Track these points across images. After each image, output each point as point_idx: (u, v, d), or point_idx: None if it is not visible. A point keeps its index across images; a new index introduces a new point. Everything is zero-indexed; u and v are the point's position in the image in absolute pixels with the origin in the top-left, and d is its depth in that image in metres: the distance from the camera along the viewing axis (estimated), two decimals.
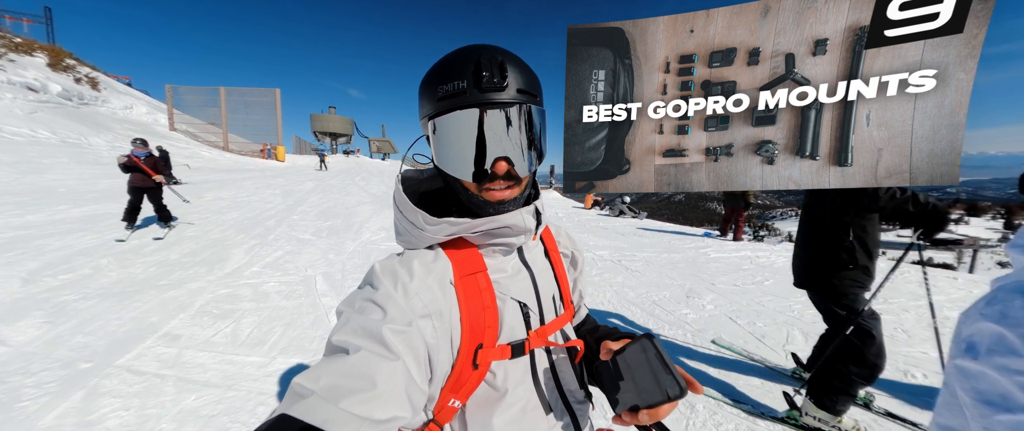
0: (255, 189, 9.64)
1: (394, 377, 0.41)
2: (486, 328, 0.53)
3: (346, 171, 18.34)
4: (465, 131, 0.49)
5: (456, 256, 0.55)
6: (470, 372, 0.52)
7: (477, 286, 0.54)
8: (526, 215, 0.55)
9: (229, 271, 3.84)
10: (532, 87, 0.53)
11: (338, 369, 0.40)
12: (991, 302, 0.66)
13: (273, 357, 2.35)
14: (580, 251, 0.76)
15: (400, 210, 0.57)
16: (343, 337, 0.43)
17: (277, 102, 22.04)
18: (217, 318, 2.84)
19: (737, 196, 7.06)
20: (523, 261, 0.62)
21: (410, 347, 0.44)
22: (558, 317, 0.63)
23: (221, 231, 5.36)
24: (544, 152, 0.56)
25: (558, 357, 0.62)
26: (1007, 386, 0.59)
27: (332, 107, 47.95)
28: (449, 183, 0.56)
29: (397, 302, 0.46)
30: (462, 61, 0.49)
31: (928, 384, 2.23)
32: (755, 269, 4.76)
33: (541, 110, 0.55)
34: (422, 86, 0.53)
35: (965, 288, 3.97)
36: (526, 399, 0.56)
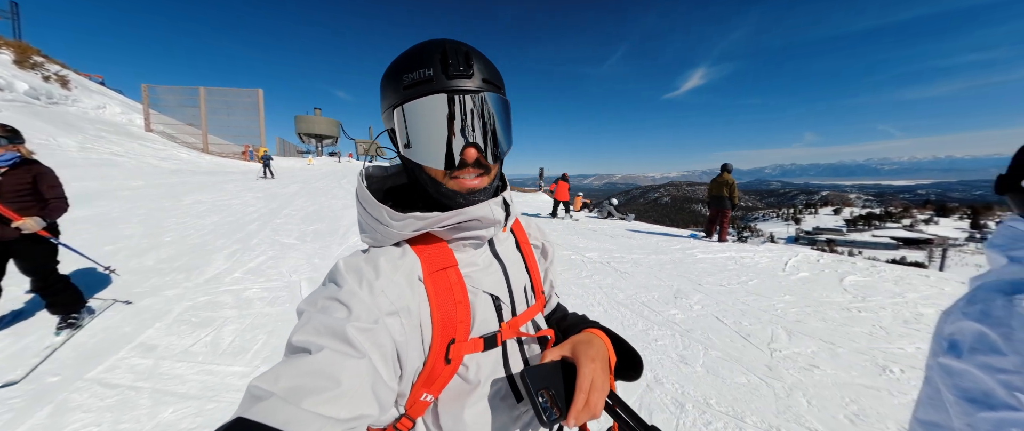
0: (237, 192, 9.37)
1: (359, 375, 0.40)
2: (458, 323, 0.52)
3: (331, 174, 18.03)
4: (433, 117, 0.49)
5: (424, 252, 0.54)
6: (442, 367, 0.51)
7: (447, 281, 0.53)
8: (494, 207, 0.55)
9: (209, 277, 3.71)
10: (496, 79, 0.53)
11: (299, 369, 0.38)
12: (972, 301, 0.68)
13: (256, 366, 2.27)
14: (550, 242, 0.77)
15: (364, 206, 0.56)
16: (305, 337, 0.42)
17: (260, 103, 21.54)
18: (196, 326, 2.73)
19: (722, 198, 7.21)
20: (494, 254, 0.62)
21: (376, 344, 0.43)
22: (529, 307, 0.64)
23: (200, 235, 5.18)
24: (511, 142, 0.56)
25: (530, 346, 0.63)
26: (989, 384, 0.60)
27: (317, 108, 47.14)
28: (416, 176, 0.56)
29: (362, 299, 0.45)
30: (428, 51, 0.49)
31: (905, 378, 2.30)
32: (739, 269, 4.86)
33: (506, 100, 0.55)
34: (385, 78, 0.52)
35: (937, 285, 4.13)
36: (498, 389, 0.57)
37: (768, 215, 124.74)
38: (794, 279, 4.42)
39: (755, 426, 1.87)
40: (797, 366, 2.45)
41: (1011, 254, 0.65)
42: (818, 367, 2.43)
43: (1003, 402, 0.57)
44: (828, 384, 2.25)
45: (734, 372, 2.37)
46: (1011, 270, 0.64)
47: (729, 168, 7.37)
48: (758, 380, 2.28)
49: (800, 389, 2.19)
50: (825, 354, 2.61)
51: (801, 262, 5.19)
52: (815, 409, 2.01)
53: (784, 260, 5.30)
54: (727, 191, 7.21)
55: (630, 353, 0.65)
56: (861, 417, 1.94)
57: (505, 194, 0.60)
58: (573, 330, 0.66)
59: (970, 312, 0.65)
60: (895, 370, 2.40)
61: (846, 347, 2.71)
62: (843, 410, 2.00)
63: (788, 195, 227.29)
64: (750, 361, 2.51)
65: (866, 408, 2.01)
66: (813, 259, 5.41)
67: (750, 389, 2.19)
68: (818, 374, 2.35)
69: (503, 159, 0.56)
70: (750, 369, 2.40)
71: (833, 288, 4.08)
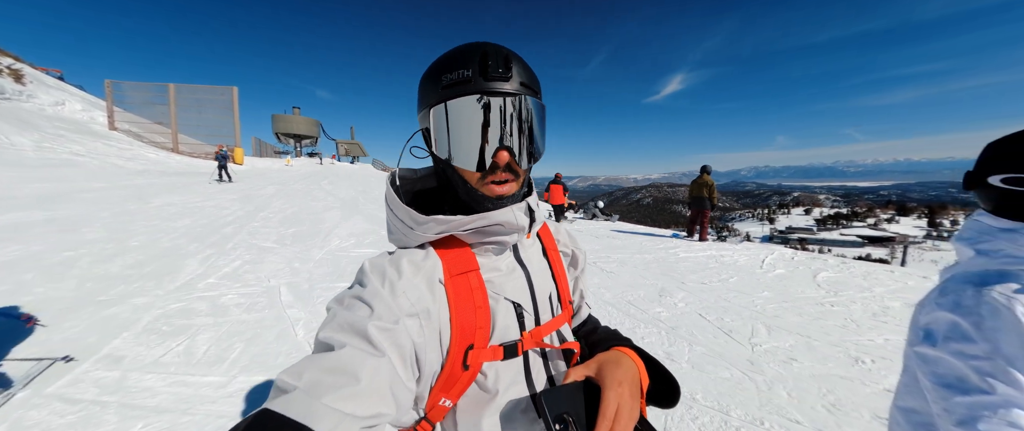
0: (210, 194, 8.98)
1: (379, 373, 0.40)
2: (477, 328, 0.51)
3: (311, 175, 17.55)
4: (468, 118, 0.49)
5: (447, 255, 0.54)
6: (460, 372, 0.51)
7: (468, 286, 0.52)
8: (518, 212, 0.54)
9: (181, 283, 3.53)
10: (534, 83, 0.53)
11: (322, 365, 0.39)
12: (944, 292, 0.71)
13: (234, 376, 2.17)
14: (581, 250, 0.74)
15: (391, 208, 0.57)
16: (329, 333, 0.43)
17: (234, 101, 20.75)
18: (167, 336, 2.59)
19: (702, 199, 7.42)
20: (518, 260, 0.61)
21: (396, 344, 0.43)
22: (555, 317, 0.62)
23: (171, 240, 4.94)
24: (543, 148, 0.55)
25: (554, 362, 0.61)
26: (963, 370, 0.64)
27: (296, 107, 45.79)
28: (447, 178, 0.56)
29: (384, 299, 0.46)
30: (468, 52, 0.49)
31: (876, 368, 2.42)
32: (720, 267, 5.01)
33: (542, 105, 0.54)
34: (424, 78, 0.53)
35: (901, 280, 4.37)
36: (519, 400, 0.55)
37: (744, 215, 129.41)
38: (771, 276, 4.59)
39: (740, 419, 1.92)
40: (777, 360, 2.54)
41: (978, 247, 0.69)
42: (796, 360, 2.53)
43: (976, 386, 0.60)
44: (806, 376, 2.33)
45: (718, 367, 2.43)
46: (978, 262, 0.68)
47: (708, 169, 7.59)
48: (741, 374, 2.35)
49: (780, 382, 2.26)
50: (802, 347, 2.71)
51: (777, 260, 5.39)
52: (795, 401, 2.08)
53: (761, 258, 5.49)
54: (707, 192, 7.42)
55: (665, 376, 0.59)
56: (838, 407, 2.02)
57: (530, 199, 0.59)
58: (601, 346, 0.63)
59: (943, 303, 0.68)
60: (867, 361, 2.52)
61: (821, 340, 2.83)
62: (821, 401, 2.08)
63: (763, 196, 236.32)
64: (733, 356, 2.58)
65: (842, 398, 2.09)
66: (788, 257, 5.62)
67: (734, 383, 2.25)
68: (796, 367, 2.44)
69: (532, 165, 0.55)
70: (733, 364, 2.47)
71: (807, 284, 4.26)
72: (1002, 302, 0.60)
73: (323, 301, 3.34)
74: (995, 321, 0.60)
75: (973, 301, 0.63)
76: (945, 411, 0.63)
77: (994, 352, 0.59)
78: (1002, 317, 0.60)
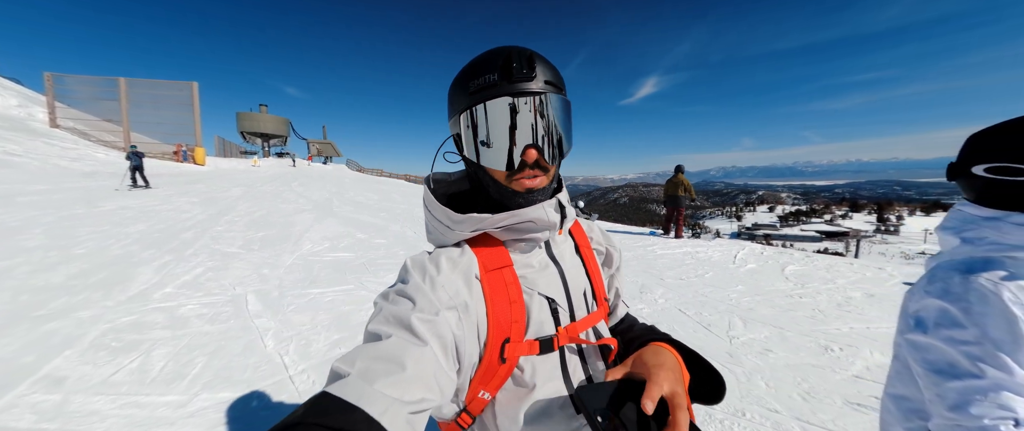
0: (168, 196, 8.39)
1: (422, 362, 0.43)
2: (512, 322, 0.54)
3: (281, 177, 16.80)
4: (495, 120, 0.51)
5: (482, 252, 0.56)
6: (497, 365, 0.53)
7: (503, 281, 0.55)
8: (549, 209, 0.56)
9: (134, 294, 3.24)
10: (558, 81, 0.55)
11: (371, 353, 0.42)
12: (932, 280, 0.72)
13: (195, 393, 2.00)
14: (616, 248, 0.75)
15: (429, 209, 0.60)
16: (376, 326, 0.46)
17: (194, 97, 19.54)
18: (118, 352, 2.36)
19: (677, 197, 7.64)
20: (551, 256, 0.62)
21: (437, 335, 0.46)
22: (590, 314, 0.63)
23: (123, 246, 4.55)
24: (572, 142, 0.57)
25: (590, 356, 0.62)
26: (954, 355, 0.65)
27: (263, 105, 43.68)
28: (478, 178, 0.59)
29: (425, 293, 0.49)
30: (493, 57, 0.52)
31: (843, 356, 2.54)
32: (696, 264, 5.16)
33: (567, 101, 0.56)
34: (453, 86, 0.56)
35: (859, 272, 4.65)
36: (556, 396, 0.56)
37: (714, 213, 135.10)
38: (743, 270, 4.77)
39: (723, 411, 1.96)
40: (754, 351, 2.62)
41: (963, 235, 0.70)
42: (772, 351, 2.62)
43: (967, 371, 0.61)
44: (781, 366, 2.42)
45: None
46: (964, 250, 0.70)
47: (682, 169, 7.83)
48: (721, 367, 2.40)
49: (759, 373, 2.33)
50: (776, 338, 2.81)
51: (748, 255, 5.62)
52: (773, 390, 2.15)
53: (733, 253, 5.71)
54: (683, 190, 7.65)
55: (708, 370, 0.58)
56: (812, 394, 2.10)
57: (560, 196, 0.60)
58: (637, 342, 0.64)
59: (932, 290, 0.70)
60: (835, 349, 2.64)
61: (793, 330, 2.95)
62: (796, 389, 2.16)
63: (731, 194, 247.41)
64: (713, 350, 2.65)
65: (815, 386, 2.18)
66: (758, 252, 5.87)
67: None
68: (772, 357, 2.53)
69: (561, 161, 0.57)
70: (714, 357, 2.53)
71: (777, 277, 4.45)
72: (989, 288, 0.62)
73: (295, 308, 3.16)
74: (983, 307, 0.61)
75: (961, 288, 0.65)
76: (937, 397, 0.64)
77: (983, 337, 0.61)
78: (989, 303, 0.61)
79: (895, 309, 3.42)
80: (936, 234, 0.78)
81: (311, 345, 2.56)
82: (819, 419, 1.88)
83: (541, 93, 0.52)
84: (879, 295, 3.78)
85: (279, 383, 2.13)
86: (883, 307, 3.45)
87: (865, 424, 1.85)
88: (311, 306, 3.22)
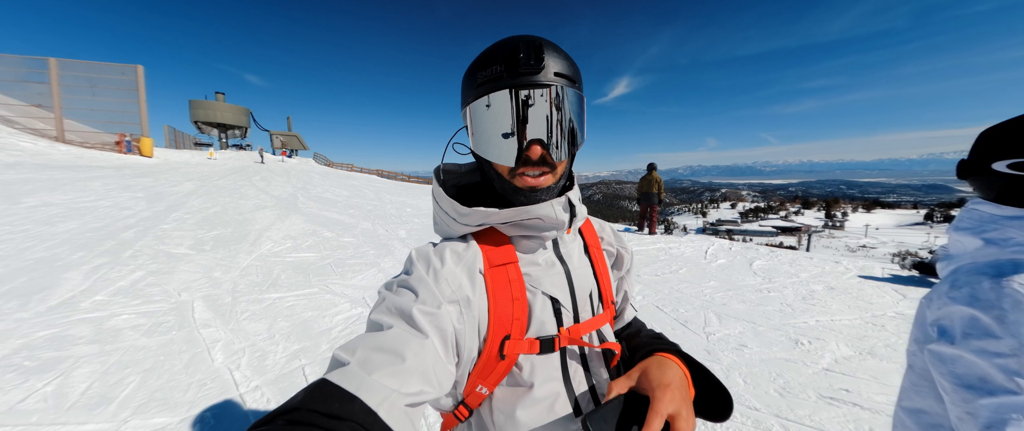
0: (106, 191, 7.56)
1: (422, 353, 0.42)
2: (513, 320, 0.53)
3: (241, 170, 15.73)
4: (497, 113, 0.50)
5: (487, 246, 0.55)
6: (496, 361, 0.52)
7: (506, 277, 0.54)
8: (557, 207, 0.54)
9: (56, 303, 2.83)
10: (571, 72, 0.53)
11: (372, 343, 0.42)
12: (955, 285, 0.63)
13: (124, 420, 1.73)
14: (627, 250, 0.73)
15: (436, 201, 0.59)
16: (378, 316, 0.46)
17: (140, 82, 17.86)
18: (30, 373, 2.02)
19: (650, 195, 7.79)
20: (558, 255, 0.60)
21: (437, 327, 0.45)
22: (595, 316, 0.61)
23: (47, 248, 4.00)
24: (583, 137, 0.55)
25: (593, 359, 0.60)
26: (986, 369, 0.57)
27: (220, 93, 40.78)
28: (485, 172, 0.58)
29: (428, 285, 0.48)
30: (501, 48, 0.50)
31: (813, 349, 2.61)
32: (670, 260, 5.25)
33: (579, 95, 0.54)
34: (464, 78, 0.55)
35: (819, 265, 4.90)
36: (554, 397, 0.55)
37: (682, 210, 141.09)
38: (715, 266, 4.90)
39: None
40: (730, 347, 2.65)
41: (985, 236, 0.65)
42: (746, 346, 2.66)
43: (1002, 387, 0.55)
44: (756, 361, 2.45)
45: None
46: (989, 252, 0.64)
47: (655, 167, 7.99)
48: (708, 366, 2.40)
49: (736, 369, 2.35)
50: (750, 333, 2.87)
51: (718, 251, 5.80)
52: (751, 386, 2.16)
53: (704, 249, 5.87)
54: (656, 188, 7.80)
55: (715, 385, 0.56)
56: (788, 389, 2.13)
57: (571, 194, 0.58)
58: (642, 351, 0.61)
59: (957, 297, 0.64)
60: (805, 342, 2.72)
61: (764, 325, 3.02)
62: (772, 384, 2.19)
63: (697, 192, 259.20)
64: (691, 346, 2.65)
65: (790, 381, 2.22)
66: (726, 247, 6.08)
67: None
68: (747, 353, 2.56)
69: (572, 158, 0.56)
70: (692, 354, 2.52)
71: (746, 272, 4.60)
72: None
73: (250, 316, 2.87)
74: (1019, 314, 0.56)
75: (993, 294, 0.59)
76: (968, 414, 0.58)
77: (1020, 348, 0.55)
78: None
79: (853, 301, 3.61)
80: (948, 236, 0.73)
81: (267, 357, 2.31)
82: (797, 415, 1.90)
83: (549, 86, 0.50)
84: (838, 288, 3.97)
85: (227, 403, 1.90)
86: (843, 300, 3.62)
87: (839, 418, 1.88)
88: (268, 313, 2.95)
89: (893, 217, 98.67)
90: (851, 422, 1.84)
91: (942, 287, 0.67)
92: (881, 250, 57.19)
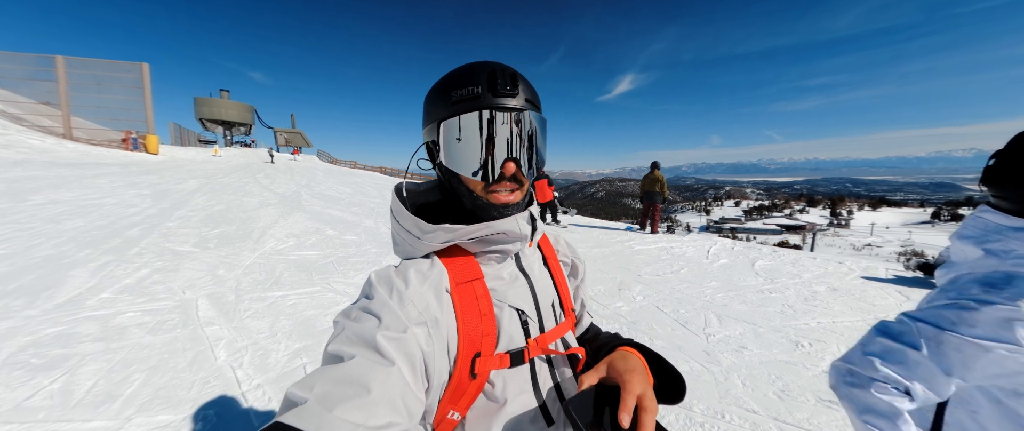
0: (113, 189, 7.64)
1: (389, 383, 0.41)
2: (483, 336, 0.53)
3: (245, 167, 15.83)
4: (478, 131, 0.52)
5: (452, 264, 0.55)
6: (468, 381, 0.52)
7: (473, 294, 0.54)
8: (521, 221, 0.56)
9: (63, 301, 2.88)
10: (536, 100, 0.57)
11: (332, 376, 0.40)
12: (944, 293, 0.64)
13: (128, 418, 1.76)
14: (581, 260, 0.76)
15: (397, 219, 0.59)
16: (338, 346, 0.44)
17: (145, 80, 17.98)
18: (37, 370, 2.06)
19: (653, 193, 7.75)
20: (520, 268, 0.62)
21: (405, 353, 0.44)
22: (558, 325, 0.63)
23: (54, 246, 4.06)
24: (545, 159, 0.58)
25: (561, 369, 0.62)
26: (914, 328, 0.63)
27: (225, 91, 40.97)
28: (453, 188, 0.58)
29: (392, 309, 0.47)
30: (477, 70, 0.53)
31: (813, 351, 2.60)
32: (672, 259, 5.23)
33: (544, 119, 0.58)
34: (432, 94, 0.56)
35: (822, 266, 4.86)
36: (527, 409, 0.56)
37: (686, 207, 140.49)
38: (717, 266, 4.88)
39: (702, 414, 1.94)
40: (730, 348, 2.64)
41: (987, 247, 0.64)
42: (746, 348, 2.65)
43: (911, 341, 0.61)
44: (756, 363, 2.45)
45: (678, 360, 2.47)
46: (987, 263, 0.63)
47: (658, 165, 7.94)
48: (700, 366, 2.40)
49: (735, 371, 2.35)
50: (750, 335, 2.86)
51: (720, 250, 5.77)
52: (749, 389, 2.16)
53: (706, 248, 5.84)
54: (659, 187, 7.77)
55: (670, 372, 0.60)
56: (787, 392, 2.12)
57: (532, 209, 0.60)
58: (604, 350, 0.66)
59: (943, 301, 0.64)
60: (805, 344, 2.71)
61: (765, 326, 3.01)
62: (771, 387, 2.18)
63: (700, 190, 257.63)
64: (691, 348, 2.65)
65: (789, 383, 2.21)
66: (729, 247, 6.05)
67: (693, 376, 2.29)
68: (747, 355, 2.55)
69: (535, 176, 0.58)
70: (692, 356, 2.53)
71: (747, 272, 4.58)
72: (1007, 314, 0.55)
73: (253, 314, 2.91)
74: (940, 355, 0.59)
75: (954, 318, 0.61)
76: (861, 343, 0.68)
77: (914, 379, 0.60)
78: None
79: (856, 303, 3.59)
80: (951, 243, 0.72)
81: (269, 356, 2.34)
82: (795, 418, 1.90)
83: (524, 109, 0.53)
84: (841, 289, 3.95)
85: (230, 401, 1.92)
86: (845, 301, 3.60)
87: (837, 421, 1.88)
88: (271, 311, 2.98)
89: (900, 215, 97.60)
90: (849, 426, 1.83)
91: (933, 296, 0.67)
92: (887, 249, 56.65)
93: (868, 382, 0.60)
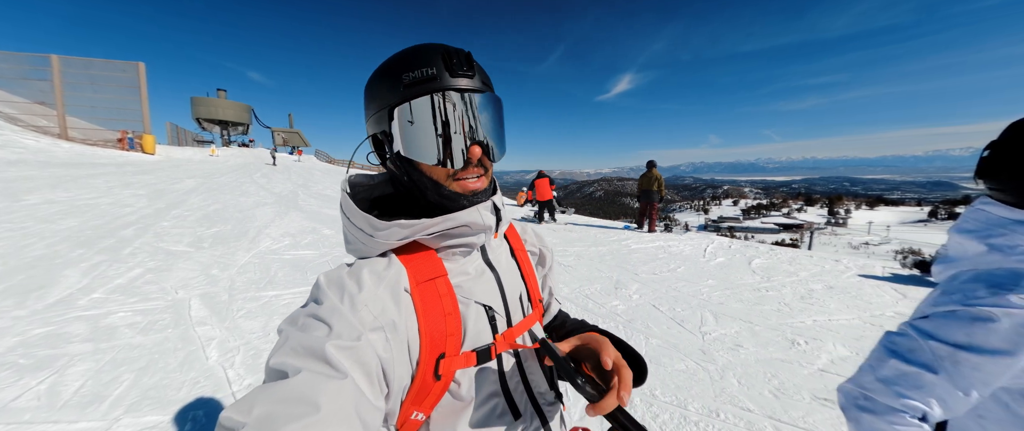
0: (108, 188, 7.59)
1: (341, 397, 0.37)
2: (447, 336, 0.50)
3: (243, 167, 15.77)
4: (437, 115, 0.48)
5: (411, 261, 0.51)
6: (432, 383, 0.49)
7: (436, 292, 0.51)
8: (484, 211, 0.52)
9: (53, 301, 2.85)
10: (490, 81, 0.54)
11: (275, 395, 0.36)
12: (947, 293, 0.60)
13: (116, 418, 1.73)
14: (548, 248, 0.74)
15: (347, 216, 0.54)
16: (281, 359, 0.39)
17: (141, 79, 17.89)
18: (25, 371, 2.04)
19: (650, 192, 7.75)
20: (487, 262, 0.59)
21: (359, 362, 0.41)
22: (526, 317, 0.61)
23: (47, 245, 4.02)
24: (505, 144, 0.55)
25: (527, 359, 0.61)
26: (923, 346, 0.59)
27: (222, 90, 40.82)
28: (411, 180, 0.53)
29: (344, 315, 0.43)
30: (428, 51, 0.49)
31: (809, 349, 2.60)
32: (668, 257, 5.23)
33: (500, 100, 0.54)
34: (378, 78, 0.50)
35: (818, 264, 4.86)
36: (494, 405, 0.55)
37: (684, 206, 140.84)
38: (713, 264, 4.87)
39: (697, 413, 1.93)
40: (725, 347, 2.63)
41: (990, 241, 0.61)
42: (742, 346, 2.64)
43: (923, 363, 0.59)
44: (752, 361, 2.44)
45: (673, 359, 2.46)
46: (991, 259, 0.60)
47: (655, 164, 7.95)
48: (695, 365, 2.39)
49: (730, 369, 2.34)
50: (746, 333, 2.85)
51: (717, 249, 5.77)
52: (745, 388, 2.15)
53: (703, 247, 5.84)
54: (656, 186, 7.77)
55: (633, 356, 0.61)
56: (782, 391, 2.11)
57: (495, 198, 0.56)
58: (572, 335, 0.63)
59: (945, 301, 0.62)
60: (801, 342, 2.70)
61: (761, 324, 3.00)
62: (767, 385, 2.17)
63: (699, 189, 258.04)
64: (686, 347, 2.64)
65: (785, 382, 2.20)
66: (726, 245, 6.04)
67: (689, 375, 2.28)
68: (743, 353, 2.55)
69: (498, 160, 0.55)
70: (687, 355, 2.52)
71: (744, 271, 4.57)
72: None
73: (246, 313, 2.88)
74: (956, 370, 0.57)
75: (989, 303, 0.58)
76: (870, 366, 0.65)
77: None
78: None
79: (852, 301, 3.58)
80: (950, 237, 0.70)
81: (261, 356, 2.32)
82: (790, 417, 1.89)
83: (480, 90, 0.50)
84: (838, 287, 3.94)
85: (220, 402, 1.90)
86: (841, 299, 3.59)
87: (832, 419, 1.87)
88: (265, 310, 2.95)
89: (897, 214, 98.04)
90: (844, 424, 1.82)
91: (933, 296, 0.65)
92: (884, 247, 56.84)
93: (885, 410, 0.58)
